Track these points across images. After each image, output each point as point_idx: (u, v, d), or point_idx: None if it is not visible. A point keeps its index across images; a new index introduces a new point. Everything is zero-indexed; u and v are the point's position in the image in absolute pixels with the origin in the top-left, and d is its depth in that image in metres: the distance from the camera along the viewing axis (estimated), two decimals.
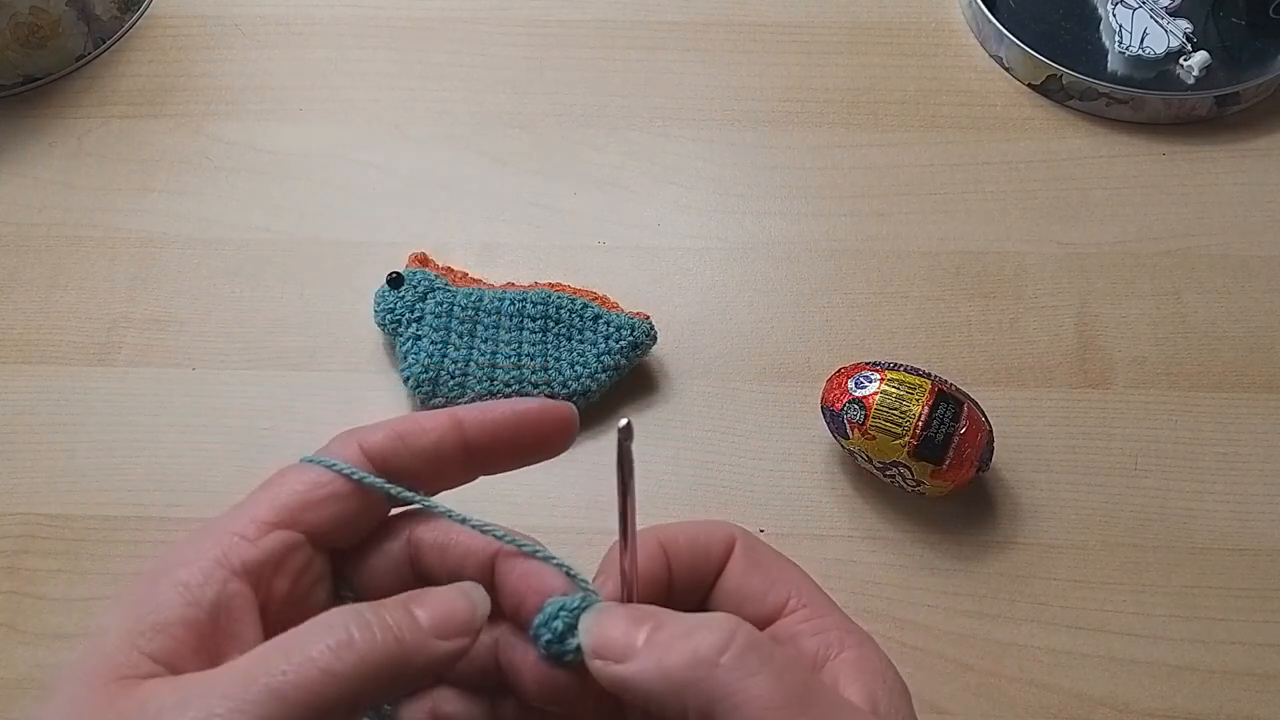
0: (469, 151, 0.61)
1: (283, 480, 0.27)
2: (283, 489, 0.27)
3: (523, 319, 0.52)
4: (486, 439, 0.28)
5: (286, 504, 0.26)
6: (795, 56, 0.64)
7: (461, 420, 0.28)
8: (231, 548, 0.25)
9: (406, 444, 0.28)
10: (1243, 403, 0.52)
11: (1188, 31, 0.61)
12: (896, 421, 0.46)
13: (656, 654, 0.25)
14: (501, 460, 0.29)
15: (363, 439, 0.28)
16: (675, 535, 0.30)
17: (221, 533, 0.25)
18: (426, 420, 0.28)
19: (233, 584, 0.25)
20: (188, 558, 0.25)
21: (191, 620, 0.24)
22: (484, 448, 0.29)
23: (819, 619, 0.29)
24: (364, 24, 0.66)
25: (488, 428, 0.28)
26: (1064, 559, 0.48)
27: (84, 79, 0.64)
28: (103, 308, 0.56)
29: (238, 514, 0.26)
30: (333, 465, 0.27)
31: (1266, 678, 0.46)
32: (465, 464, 0.29)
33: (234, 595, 0.25)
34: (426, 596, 0.26)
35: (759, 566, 0.30)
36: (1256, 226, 0.57)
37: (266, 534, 0.26)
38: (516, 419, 0.29)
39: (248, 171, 0.60)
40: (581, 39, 0.65)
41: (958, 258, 0.56)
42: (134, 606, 0.24)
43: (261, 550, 0.25)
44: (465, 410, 0.29)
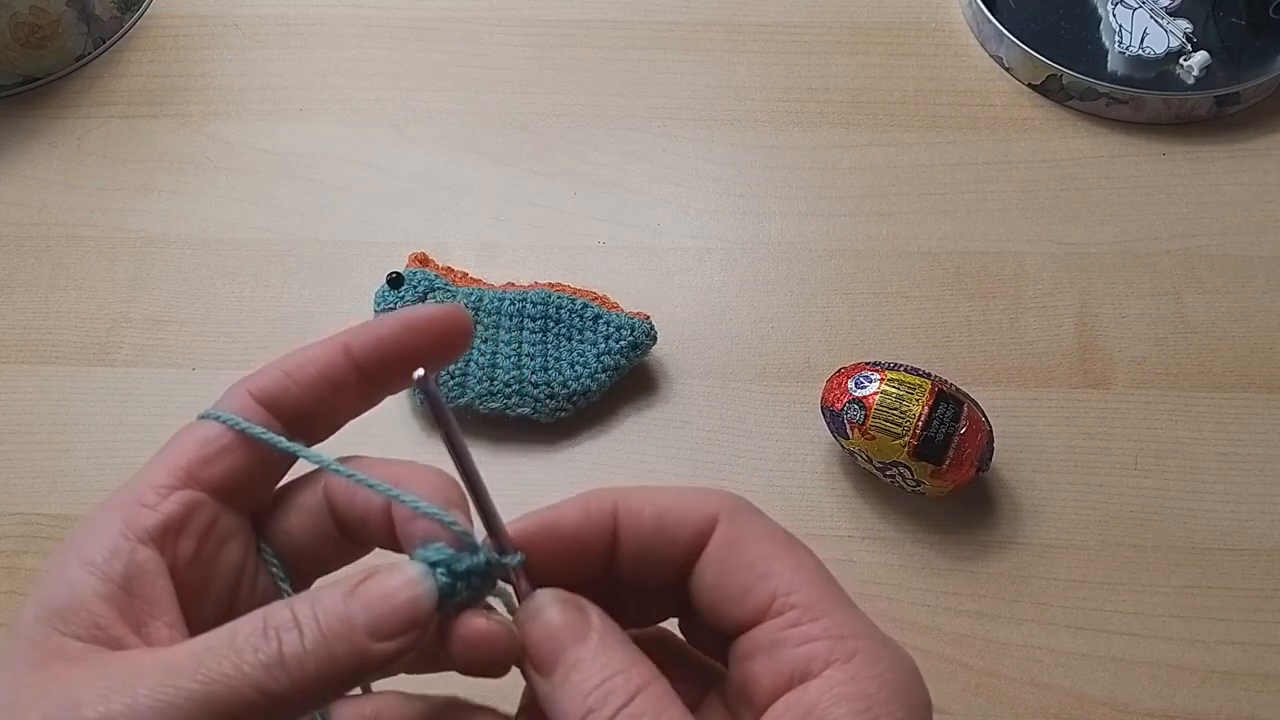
0: (469, 151, 0.61)
1: (177, 441, 0.26)
2: (177, 450, 0.26)
3: (523, 319, 0.52)
4: (375, 356, 0.27)
5: (181, 464, 0.26)
6: (795, 56, 0.64)
7: (347, 344, 0.27)
8: (133, 516, 0.25)
9: (294, 379, 0.27)
10: (1243, 403, 0.52)
11: (1188, 31, 0.61)
12: (896, 421, 0.46)
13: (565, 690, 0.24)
14: (397, 376, 0.28)
15: (251, 384, 0.27)
16: (641, 505, 0.27)
17: (121, 504, 0.25)
18: (312, 351, 0.27)
19: (140, 552, 0.24)
20: (91, 534, 0.24)
21: (106, 595, 0.24)
22: (376, 366, 0.27)
23: (809, 624, 0.25)
24: (364, 24, 0.66)
25: (374, 345, 0.27)
26: (1064, 559, 0.48)
27: (84, 79, 0.64)
28: (103, 308, 0.56)
29: (136, 482, 0.26)
30: (220, 418, 0.26)
31: (1266, 678, 0.46)
32: (363, 387, 0.27)
33: (143, 563, 0.24)
34: (368, 588, 0.24)
35: (741, 558, 0.26)
36: (1256, 226, 0.57)
37: (166, 497, 0.25)
38: (402, 329, 0.27)
39: (248, 171, 0.60)
40: (581, 39, 0.65)
41: (958, 258, 0.56)
42: (47, 590, 0.24)
43: (162, 514, 0.25)
44: (350, 332, 0.27)
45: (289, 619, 0.23)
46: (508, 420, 0.51)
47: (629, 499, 0.27)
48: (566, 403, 0.51)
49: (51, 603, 0.23)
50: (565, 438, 0.52)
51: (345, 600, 0.23)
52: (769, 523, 0.27)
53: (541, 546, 0.27)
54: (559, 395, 0.50)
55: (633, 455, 0.51)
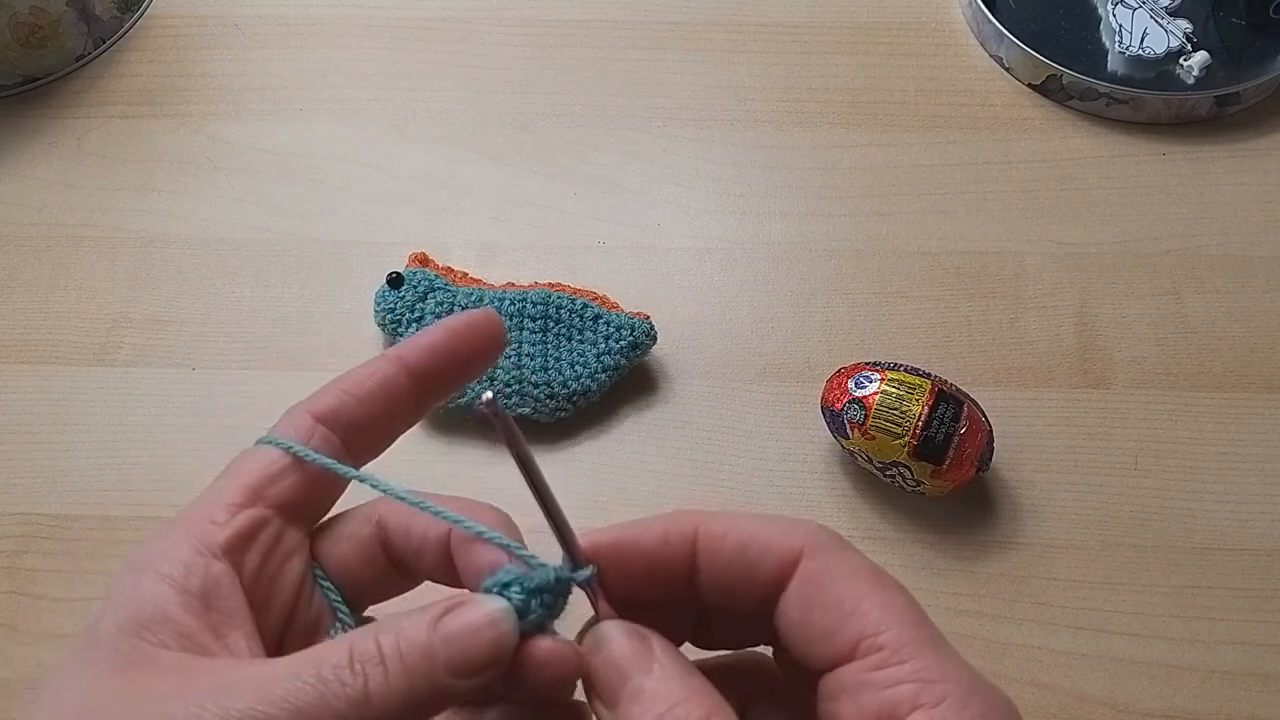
0: (469, 151, 0.61)
1: (241, 463, 0.27)
2: (242, 471, 0.27)
3: (523, 319, 0.52)
4: (429, 364, 0.29)
5: (247, 484, 0.27)
6: (795, 56, 0.64)
7: (400, 355, 0.28)
8: (205, 533, 0.25)
9: (353, 394, 0.28)
10: (1243, 403, 0.52)
11: (1188, 31, 0.61)
12: (896, 421, 0.46)
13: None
14: (448, 380, 0.29)
15: (312, 406, 0.28)
16: (724, 532, 0.26)
17: (193, 521, 0.26)
18: (368, 366, 0.28)
19: (214, 566, 0.25)
20: (164, 550, 0.25)
21: (187, 606, 0.24)
22: (430, 374, 0.29)
23: (895, 666, 0.24)
24: (364, 24, 0.66)
25: (428, 353, 0.29)
26: (1064, 559, 0.48)
27: (84, 79, 0.64)
28: (103, 308, 0.56)
29: (204, 502, 0.26)
30: (279, 444, 0.27)
31: (1266, 678, 0.46)
32: (416, 395, 0.29)
33: (219, 576, 0.25)
34: (452, 624, 0.24)
35: (827, 597, 0.25)
36: (1256, 226, 0.57)
37: (234, 514, 0.26)
38: (450, 335, 0.29)
39: (248, 171, 0.60)
40: (581, 39, 0.65)
41: (958, 258, 0.56)
42: (129, 602, 0.24)
43: (232, 529, 0.26)
44: (401, 347, 0.29)
45: (374, 653, 0.23)
46: None
47: (711, 525, 0.26)
48: (566, 403, 0.51)
49: (136, 614, 0.24)
50: (565, 438, 0.52)
51: (429, 633, 0.23)
52: (857, 558, 0.25)
53: (616, 564, 0.26)
54: (559, 395, 0.50)
55: (633, 455, 0.51)
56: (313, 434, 0.27)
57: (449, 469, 0.51)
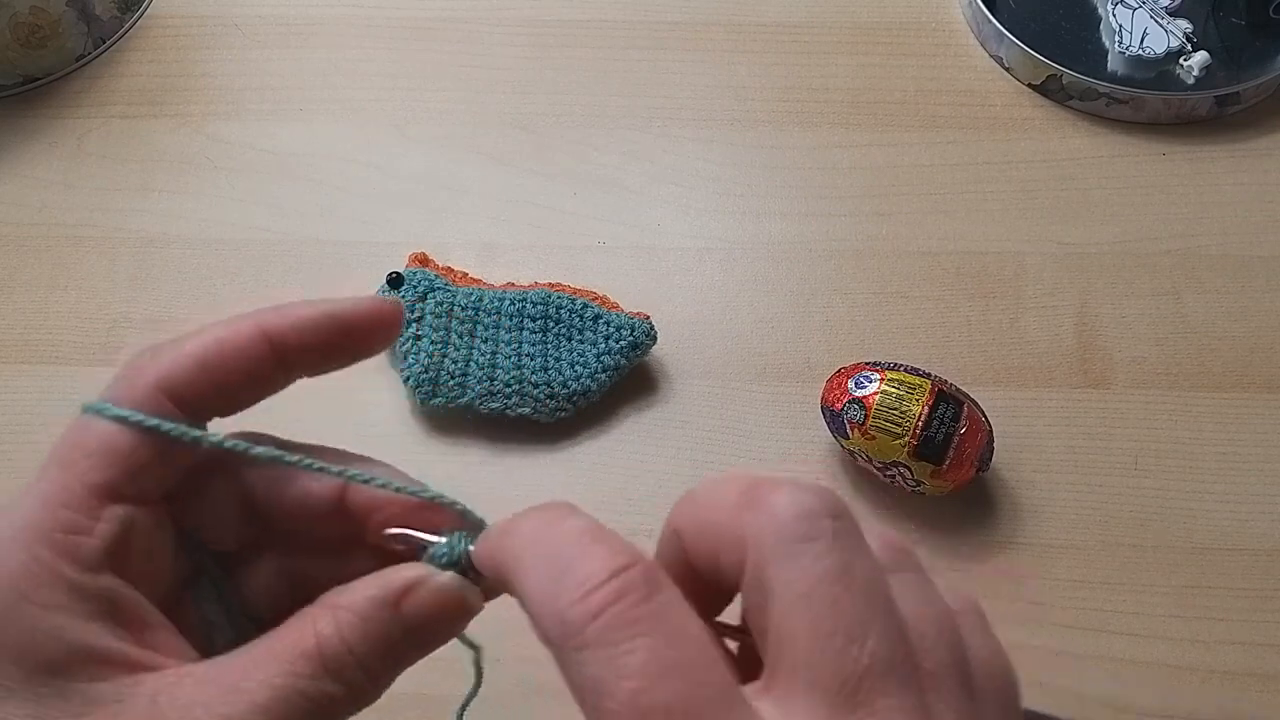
0: (469, 151, 0.61)
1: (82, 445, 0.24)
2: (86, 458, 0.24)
3: (523, 319, 0.52)
4: (294, 340, 0.26)
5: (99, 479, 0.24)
6: (795, 56, 0.64)
7: (264, 326, 0.25)
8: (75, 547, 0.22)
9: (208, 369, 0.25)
10: (1243, 403, 0.52)
11: (1188, 31, 0.61)
12: (896, 421, 0.46)
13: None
14: (319, 364, 0.27)
15: (160, 375, 0.25)
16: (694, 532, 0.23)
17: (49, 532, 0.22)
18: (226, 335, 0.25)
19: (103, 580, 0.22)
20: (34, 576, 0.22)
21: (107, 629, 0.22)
22: (295, 350, 0.26)
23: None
24: (364, 24, 0.66)
25: (293, 331, 0.26)
26: (1064, 559, 0.48)
27: (84, 79, 0.64)
28: (103, 308, 0.56)
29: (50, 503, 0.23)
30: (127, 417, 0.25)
31: (1266, 678, 0.46)
32: (281, 370, 0.26)
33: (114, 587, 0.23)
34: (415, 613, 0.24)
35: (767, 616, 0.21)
36: (1256, 226, 0.57)
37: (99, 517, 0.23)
38: (327, 320, 0.26)
39: (248, 171, 0.60)
40: (581, 39, 0.65)
41: (958, 258, 0.56)
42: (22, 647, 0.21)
43: (103, 539, 0.23)
44: (274, 316, 0.26)
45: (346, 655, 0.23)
46: (508, 420, 0.51)
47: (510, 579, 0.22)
48: (566, 403, 0.51)
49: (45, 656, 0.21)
50: (565, 438, 0.52)
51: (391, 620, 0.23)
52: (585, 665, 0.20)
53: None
54: (559, 395, 0.50)
55: (633, 455, 0.51)
56: (160, 408, 0.25)
57: (449, 469, 0.51)
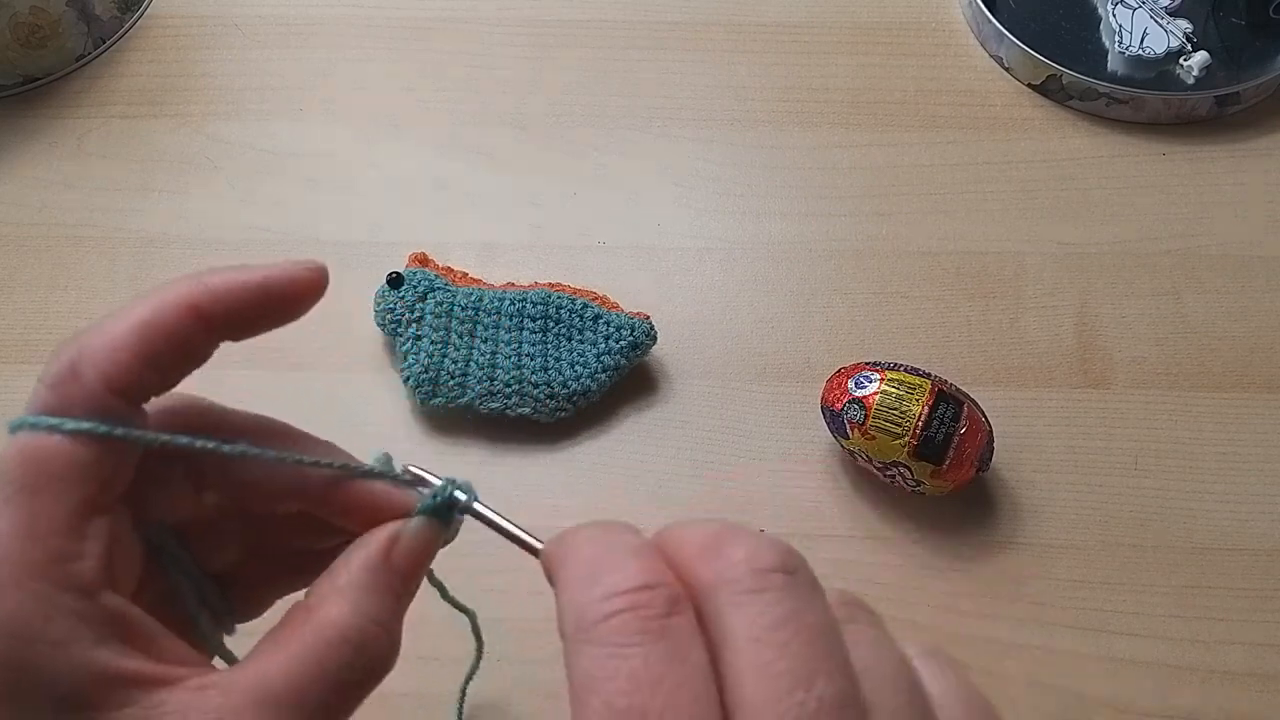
0: (469, 151, 0.61)
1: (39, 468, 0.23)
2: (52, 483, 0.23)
3: (523, 319, 0.52)
4: (226, 320, 0.26)
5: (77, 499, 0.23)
6: (795, 56, 0.64)
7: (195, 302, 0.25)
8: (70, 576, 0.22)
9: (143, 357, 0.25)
10: (1243, 403, 0.52)
11: (1188, 31, 0.61)
12: (896, 421, 0.46)
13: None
14: (243, 333, 0.28)
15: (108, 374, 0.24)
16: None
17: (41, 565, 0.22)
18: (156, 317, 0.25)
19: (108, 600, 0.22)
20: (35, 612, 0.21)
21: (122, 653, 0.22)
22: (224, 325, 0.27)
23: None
24: (364, 24, 0.66)
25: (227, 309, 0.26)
26: (1064, 559, 0.48)
27: (84, 79, 0.64)
28: (103, 308, 0.56)
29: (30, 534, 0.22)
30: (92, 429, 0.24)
31: (1266, 678, 0.46)
32: (209, 345, 0.27)
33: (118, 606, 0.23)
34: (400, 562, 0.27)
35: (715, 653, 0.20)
36: (1256, 226, 0.57)
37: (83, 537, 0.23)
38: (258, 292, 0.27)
39: (248, 171, 0.60)
40: (581, 39, 0.65)
41: (958, 258, 0.56)
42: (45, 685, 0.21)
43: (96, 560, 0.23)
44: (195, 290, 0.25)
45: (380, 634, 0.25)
46: (508, 420, 0.51)
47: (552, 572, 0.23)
48: (566, 403, 0.51)
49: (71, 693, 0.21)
50: (565, 438, 0.52)
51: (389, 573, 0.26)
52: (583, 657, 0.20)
53: None
54: (559, 395, 0.50)
55: (633, 455, 0.51)
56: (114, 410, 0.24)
57: (448, 469, 0.50)
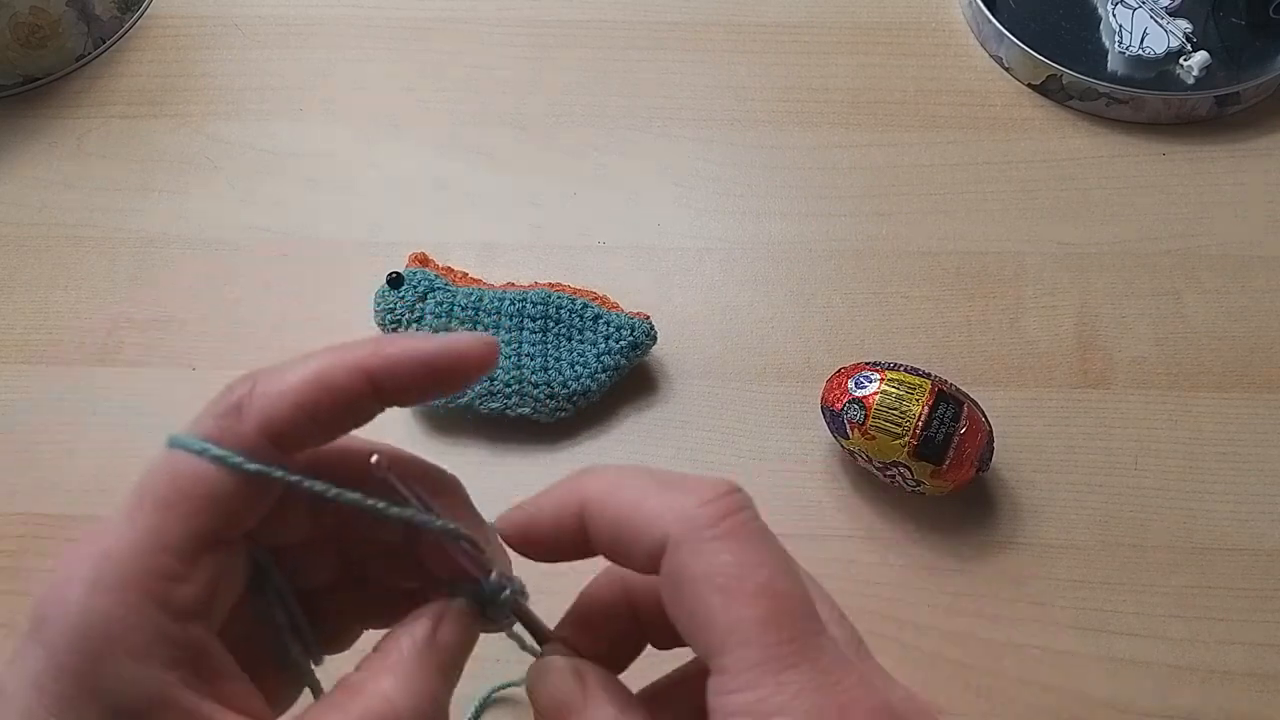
0: (469, 151, 0.61)
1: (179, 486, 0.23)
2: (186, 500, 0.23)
3: (523, 319, 0.52)
4: (396, 385, 0.25)
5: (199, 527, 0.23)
6: (795, 56, 0.64)
7: (368, 368, 0.25)
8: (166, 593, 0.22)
9: (310, 414, 0.24)
10: (1243, 403, 0.52)
11: (1188, 31, 0.61)
12: (896, 421, 0.46)
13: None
14: (410, 401, 0.26)
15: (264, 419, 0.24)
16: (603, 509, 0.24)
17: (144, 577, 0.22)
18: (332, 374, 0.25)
19: (193, 630, 0.23)
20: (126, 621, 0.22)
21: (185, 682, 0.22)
22: (395, 391, 0.25)
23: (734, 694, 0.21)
24: (364, 24, 0.66)
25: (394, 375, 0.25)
26: (1064, 559, 0.48)
27: (84, 79, 0.64)
28: (103, 308, 0.56)
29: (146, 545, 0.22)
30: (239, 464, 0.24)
31: (1266, 678, 0.46)
32: (374, 408, 0.26)
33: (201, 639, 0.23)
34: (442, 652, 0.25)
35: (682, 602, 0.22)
36: (1256, 226, 0.57)
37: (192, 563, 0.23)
38: (432, 362, 0.25)
39: (248, 171, 0.60)
40: (581, 39, 0.65)
41: (958, 258, 0.56)
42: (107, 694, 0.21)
43: (198, 586, 0.23)
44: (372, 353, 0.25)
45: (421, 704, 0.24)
46: (508, 420, 0.51)
47: (593, 500, 0.25)
48: (566, 403, 0.51)
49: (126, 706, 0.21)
50: (565, 438, 0.52)
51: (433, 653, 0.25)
52: (719, 553, 0.22)
53: (526, 546, 0.27)
54: (559, 395, 0.50)
55: (633, 455, 0.51)
56: (263, 453, 0.24)
57: (448, 469, 0.51)
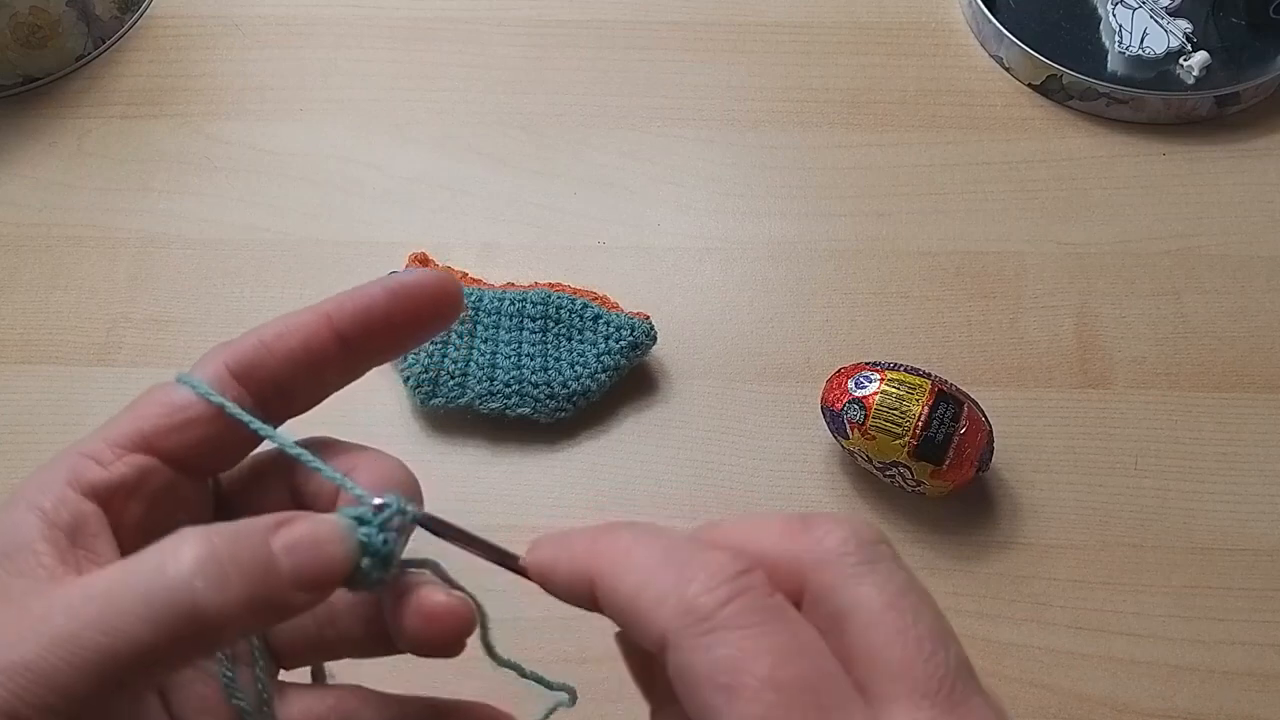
0: (469, 151, 0.61)
1: (144, 402, 0.26)
2: (142, 412, 0.25)
3: (523, 319, 0.52)
4: (360, 327, 0.26)
5: (142, 428, 0.25)
6: (795, 56, 0.64)
7: (329, 313, 0.26)
8: (81, 469, 0.25)
9: (272, 350, 0.26)
10: (1243, 403, 0.52)
11: (1188, 31, 0.61)
12: (896, 421, 0.46)
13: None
14: (383, 347, 0.27)
15: (229, 355, 0.26)
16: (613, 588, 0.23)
17: (73, 454, 0.25)
18: (292, 320, 0.26)
19: (85, 505, 0.24)
20: (40, 481, 0.25)
21: (51, 539, 0.24)
22: (360, 336, 0.26)
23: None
24: (364, 24, 0.66)
25: (359, 314, 0.26)
26: (1064, 559, 0.48)
27: (84, 79, 0.64)
28: (103, 308, 0.56)
29: (94, 435, 0.25)
30: (197, 387, 0.25)
31: (1266, 678, 0.46)
32: (345, 359, 0.26)
33: (87, 515, 0.24)
34: (295, 536, 0.23)
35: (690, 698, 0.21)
36: (1256, 226, 0.57)
37: (120, 457, 0.25)
38: (389, 296, 0.26)
39: (248, 171, 0.60)
40: (581, 39, 0.65)
41: (958, 258, 0.56)
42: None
43: (112, 474, 0.25)
44: (334, 301, 0.26)
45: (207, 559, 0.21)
46: (508, 420, 0.51)
47: (603, 579, 0.23)
48: (566, 403, 0.51)
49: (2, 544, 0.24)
50: (565, 438, 0.52)
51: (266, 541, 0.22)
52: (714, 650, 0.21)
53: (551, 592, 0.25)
54: (559, 395, 0.50)
55: (633, 455, 0.51)
56: (225, 387, 0.25)
57: (448, 469, 0.51)
